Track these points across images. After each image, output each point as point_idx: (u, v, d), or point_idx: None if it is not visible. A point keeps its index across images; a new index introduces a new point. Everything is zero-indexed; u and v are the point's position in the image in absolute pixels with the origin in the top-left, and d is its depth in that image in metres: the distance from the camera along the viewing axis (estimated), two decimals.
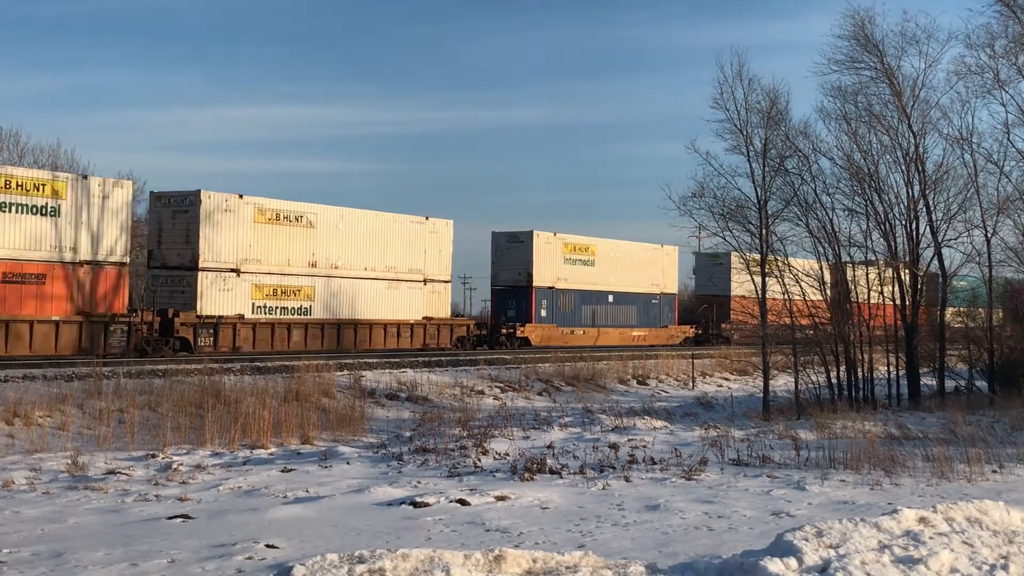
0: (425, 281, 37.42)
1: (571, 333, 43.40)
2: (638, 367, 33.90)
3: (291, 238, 32.72)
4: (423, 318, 37.10)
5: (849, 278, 27.61)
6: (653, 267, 48.41)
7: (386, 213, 36.52)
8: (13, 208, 25.33)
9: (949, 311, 29.48)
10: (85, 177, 27.91)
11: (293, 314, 32.58)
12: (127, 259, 27.87)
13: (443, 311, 38.74)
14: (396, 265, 36.22)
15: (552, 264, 43.22)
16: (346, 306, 34.30)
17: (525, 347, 39.83)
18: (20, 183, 25.56)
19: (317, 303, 33.31)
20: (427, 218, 37.79)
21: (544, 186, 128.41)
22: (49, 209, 26.02)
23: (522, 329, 40.91)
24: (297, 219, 32.96)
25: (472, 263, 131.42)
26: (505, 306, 42.43)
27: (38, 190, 25.92)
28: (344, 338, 33.91)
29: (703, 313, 50.64)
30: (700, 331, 49.96)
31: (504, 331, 40.39)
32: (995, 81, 26.18)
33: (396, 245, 36.39)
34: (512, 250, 42.76)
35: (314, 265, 33.32)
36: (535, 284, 42.38)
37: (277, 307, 32.21)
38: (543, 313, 42.61)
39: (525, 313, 42.07)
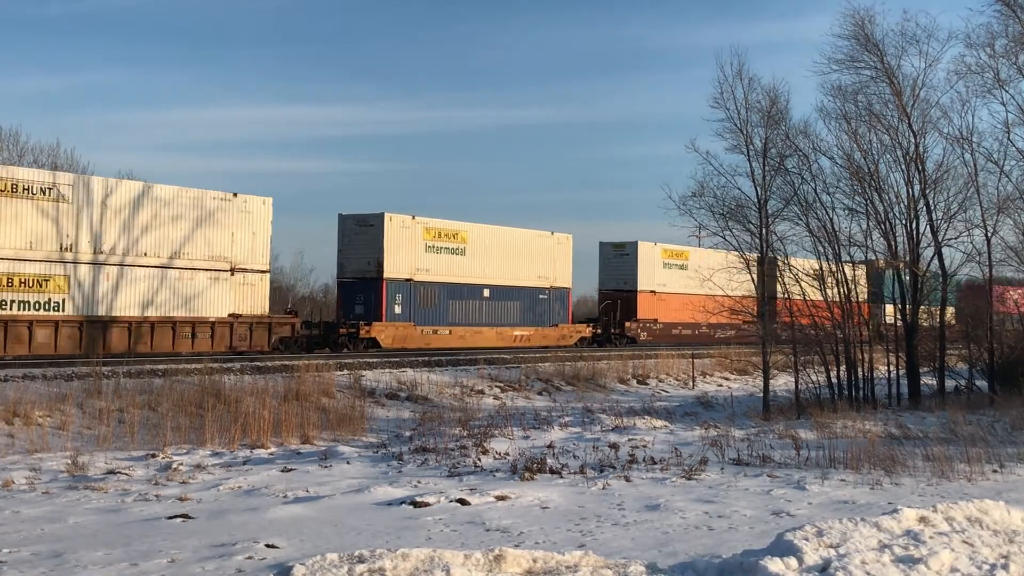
0: (233, 271, 31.42)
1: (433, 333, 37.46)
2: (638, 366, 33.90)
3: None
4: (229, 315, 31.04)
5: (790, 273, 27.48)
6: (542, 258, 42.35)
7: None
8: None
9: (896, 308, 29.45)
10: (235, 195, 31.42)
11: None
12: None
13: (259, 307, 32.24)
14: (191, 251, 30.55)
15: (410, 252, 36.98)
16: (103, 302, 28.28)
17: (374, 349, 34.57)
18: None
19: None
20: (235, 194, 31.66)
21: (545, 186, 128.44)
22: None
23: (368, 328, 34.87)
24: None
25: None
26: (352, 301, 36.51)
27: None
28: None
29: (605, 310, 45.96)
30: (599, 331, 44.94)
31: (344, 331, 34.67)
32: (995, 80, 26.19)
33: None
34: (361, 236, 36.48)
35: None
36: (387, 275, 35.96)
37: None
38: (397, 310, 36.33)
39: (375, 309, 35.78)
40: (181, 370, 22.89)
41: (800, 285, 27.25)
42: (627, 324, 45.84)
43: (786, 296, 27.61)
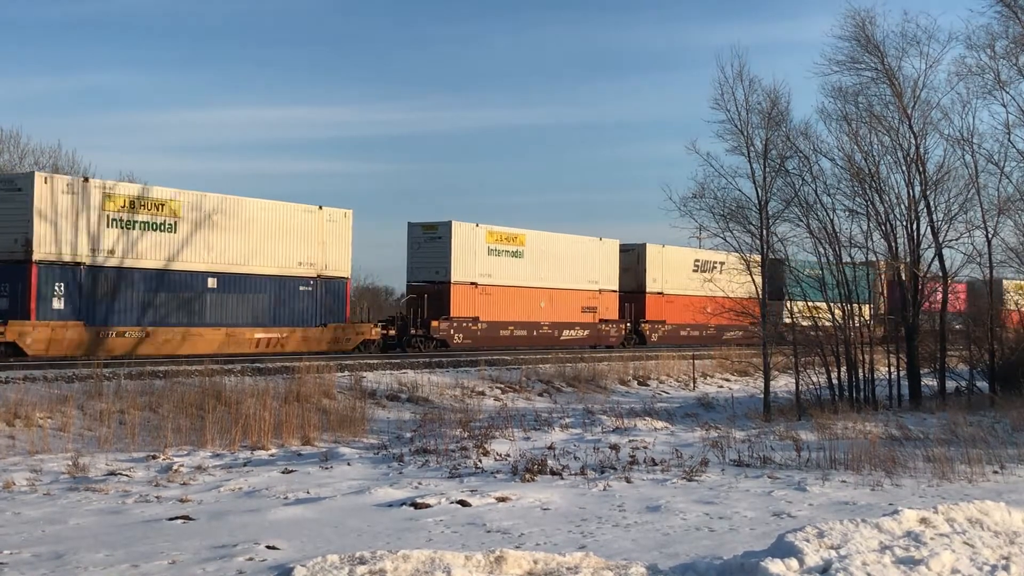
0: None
1: (116, 336, 28.22)
2: (639, 368, 33.92)
3: None
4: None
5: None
6: (306, 238, 33.57)
7: None
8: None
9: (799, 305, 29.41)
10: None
11: None
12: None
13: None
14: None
15: (84, 227, 27.98)
16: None
17: (18, 356, 26.06)
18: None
19: None
20: None
21: (545, 187, 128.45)
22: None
23: (2, 327, 25.95)
24: None
25: None
26: None
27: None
28: None
29: (409, 305, 38.04)
30: (391, 332, 36.53)
31: None
32: (996, 82, 26.18)
33: None
34: (5, 204, 27.53)
35: None
36: (39, 258, 26.86)
37: None
38: (57, 304, 27.16)
39: (23, 303, 26.88)
40: (182, 371, 22.89)
41: (800, 286, 27.27)
42: (434, 323, 37.07)
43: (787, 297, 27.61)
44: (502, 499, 11.73)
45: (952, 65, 27.19)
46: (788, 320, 28.36)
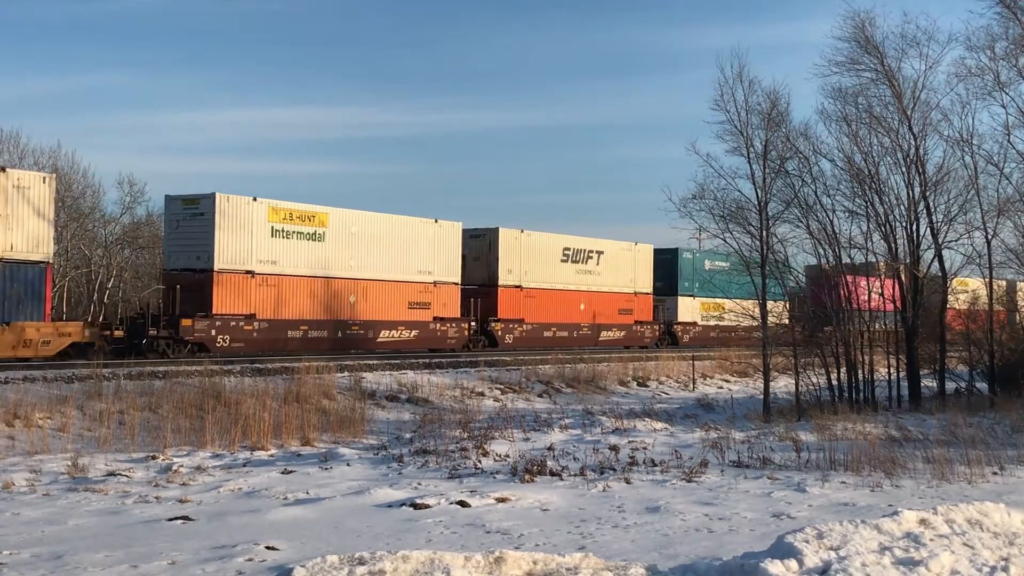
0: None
1: None
2: (638, 369, 33.94)
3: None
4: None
5: None
6: None
7: None
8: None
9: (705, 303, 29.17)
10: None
11: None
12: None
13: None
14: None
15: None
16: None
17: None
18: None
19: None
20: None
21: (545, 187, 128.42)
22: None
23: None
24: None
25: None
26: None
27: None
28: None
29: (165, 299, 30.48)
30: (116, 333, 28.46)
31: None
32: (995, 83, 26.17)
33: None
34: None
35: None
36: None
37: None
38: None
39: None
40: (181, 372, 22.89)
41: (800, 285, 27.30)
42: (186, 322, 29.01)
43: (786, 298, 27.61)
44: (502, 500, 11.73)
45: (952, 66, 27.20)
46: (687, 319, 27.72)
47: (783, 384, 29.78)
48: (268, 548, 9.23)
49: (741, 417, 23.81)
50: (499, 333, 39.27)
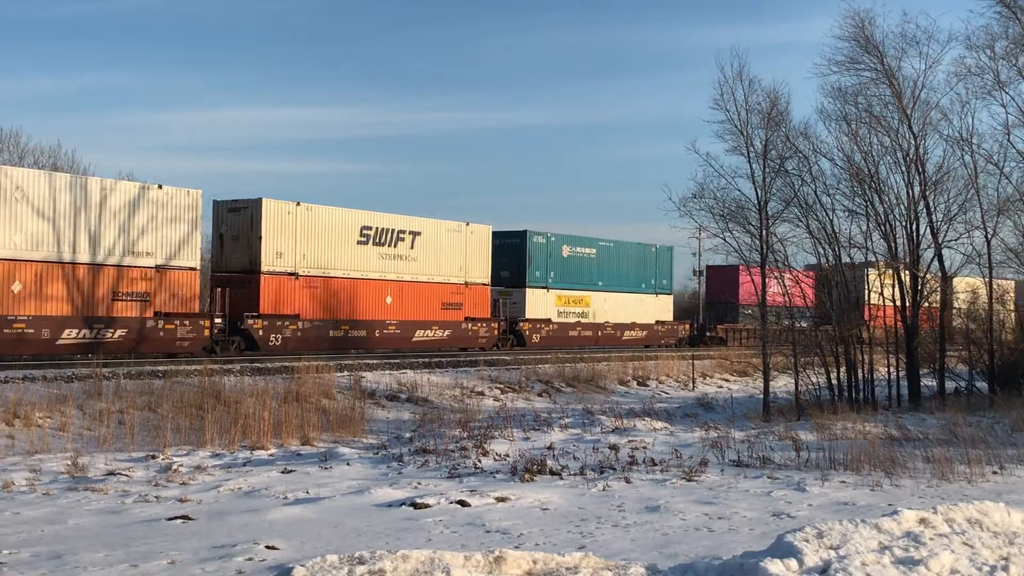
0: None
1: None
2: (638, 368, 33.93)
3: None
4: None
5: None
6: None
7: None
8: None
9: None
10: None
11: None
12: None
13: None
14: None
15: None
16: None
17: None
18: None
19: None
20: None
21: (545, 187, 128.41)
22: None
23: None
24: None
25: None
26: None
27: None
28: None
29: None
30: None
31: None
32: (995, 82, 26.17)
33: None
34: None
35: None
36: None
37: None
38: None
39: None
40: (181, 371, 22.88)
41: (800, 286, 27.28)
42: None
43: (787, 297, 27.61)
44: (501, 499, 11.73)
45: (952, 65, 27.17)
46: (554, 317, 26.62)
47: (783, 383, 29.77)
48: (268, 547, 9.23)
49: (741, 416, 23.81)
50: (260, 332, 30.36)
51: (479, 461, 14.73)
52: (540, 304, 41.67)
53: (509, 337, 39.95)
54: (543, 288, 41.80)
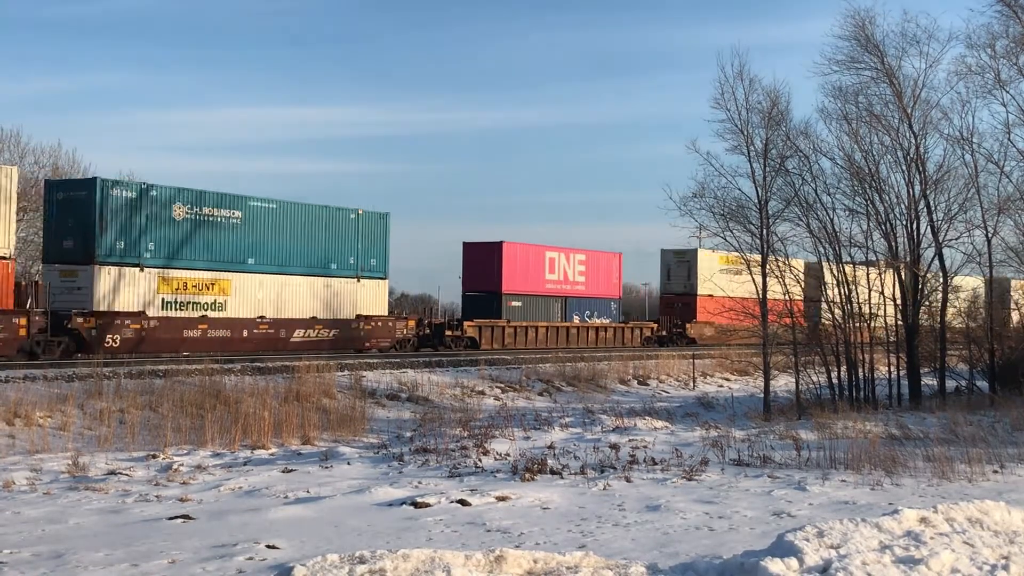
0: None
1: None
2: (639, 367, 33.94)
3: None
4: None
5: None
6: None
7: None
8: None
9: None
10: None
11: None
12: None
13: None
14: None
15: None
16: None
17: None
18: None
19: None
20: None
21: (546, 188, 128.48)
22: None
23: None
24: None
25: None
26: None
27: None
28: None
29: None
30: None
31: None
32: (996, 81, 26.16)
33: None
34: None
35: None
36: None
37: None
38: None
39: None
40: (181, 371, 22.88)
41: (800, 285, 27.27)
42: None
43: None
44: (502, 498, 11.72)
45: (952, 64, 27.19)
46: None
47: (783, 383, 29.78)
48: (268, 547, 9.23)
49: (741, 415, 23.81)
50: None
51: (479, 460, 14.73)
52: (128, 290, 29.25)
53: (62, 339, 26.87)
54: (134, 266, 29.41)
